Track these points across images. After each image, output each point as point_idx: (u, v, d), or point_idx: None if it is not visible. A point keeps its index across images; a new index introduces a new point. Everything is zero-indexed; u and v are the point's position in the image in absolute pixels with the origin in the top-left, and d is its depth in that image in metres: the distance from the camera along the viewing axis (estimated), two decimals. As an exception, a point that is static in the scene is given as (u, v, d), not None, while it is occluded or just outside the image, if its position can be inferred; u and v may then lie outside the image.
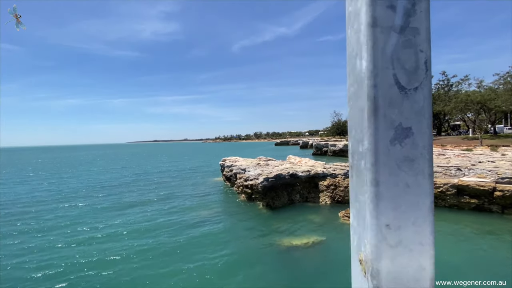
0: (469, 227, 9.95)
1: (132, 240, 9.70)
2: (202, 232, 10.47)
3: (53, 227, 11.47)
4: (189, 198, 16.11)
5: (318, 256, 8.03)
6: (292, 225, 10.72)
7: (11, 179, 26.90)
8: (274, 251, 8.49)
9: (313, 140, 77.11)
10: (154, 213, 13.12)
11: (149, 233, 10.41)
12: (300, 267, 7.42)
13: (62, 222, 12.03)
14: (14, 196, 18.14)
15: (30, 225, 11.78)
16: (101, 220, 12.26)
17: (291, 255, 8.21)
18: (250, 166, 16.50)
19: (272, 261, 7.88)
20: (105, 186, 21.36)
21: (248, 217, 12.06)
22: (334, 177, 13.83)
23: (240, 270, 7.42)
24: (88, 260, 8.15)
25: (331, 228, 10.15)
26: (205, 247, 8.99)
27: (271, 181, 13.34)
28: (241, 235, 10.03)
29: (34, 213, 13.68)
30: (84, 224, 11.63)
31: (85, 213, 13.51)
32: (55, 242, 9.74)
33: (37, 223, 12.05)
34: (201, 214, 12.86)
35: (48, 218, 12.86)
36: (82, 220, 12.31)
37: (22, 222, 12.18)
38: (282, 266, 7.52)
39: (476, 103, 27.42)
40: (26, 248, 9.22)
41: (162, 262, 7.93)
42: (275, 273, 7.19)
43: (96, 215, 13.03)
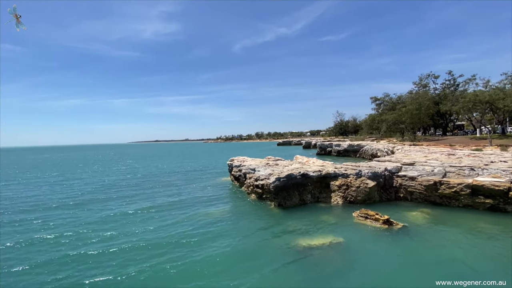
0: (485, 227, 9.87)
1: (145, 240, 9.66)
2: (216, 231, 10.42)
3: (66, 229, 11.45)
4: (199, 198, 16.07)
5: (338, 257, 7.97)
6: (307, 225, 10.66)
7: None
8: (292, 251, 8.43)
9: (316, 140, 77.02)
10: (166, 213, 13.09)
11: (163, 232, 10.37)
12: (320, 267, 7.36)
13: (73, 222, 12.02)
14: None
15: (44, 225, 11.77)
16: (113, 219, 12.24)
17: (309, 255, 8.14)
18: (260, 166, 16.46)
19: (291, 260, 7.81)
20: (114, 187, 21.37)
21: (261, 217, 12.01)
22: (345, 177, 13.76)
23: (259, 269, 7.37)
24: (103, 255, 8.11)
25: (347, 229, 10.09)
26: (221, 247, 8.94)
27: (283, 181, 13.28)
28: (256, 235, 9.98)
29: (42, 216, 13.68)
30: (96, 223, 11.61)
31: (97, 212, 13.49)
32: (72, 245, 9.72)
33: (46, 226, 12.05)
34: (213, 213, 12.82)
35: (60, 222, 12.86)
36: (94, 219, 12.29)
37: (40, 224, 12.18)
38: (302, 266, 7.46)
39: (484, 103, 27.29)
40: (48, 250, 9.21)
41: (178, 260, 7.88)
42: (295, 273, 7.13)
43: (110, 216, 13.01)
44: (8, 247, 9.31)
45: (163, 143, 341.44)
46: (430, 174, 13.16)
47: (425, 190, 12.93)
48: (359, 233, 9.67)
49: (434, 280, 6.45)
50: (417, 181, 13.21)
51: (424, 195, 13.01)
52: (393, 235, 9.35)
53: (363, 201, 13.19)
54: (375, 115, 50.39)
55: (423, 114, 35.78)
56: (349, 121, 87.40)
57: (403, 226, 10.02)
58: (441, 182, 12.59)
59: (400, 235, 9.33)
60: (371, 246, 8.58)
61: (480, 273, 6.75)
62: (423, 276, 6.71)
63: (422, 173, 13.36)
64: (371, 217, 10.62)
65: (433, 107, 37.13)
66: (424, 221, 10.76)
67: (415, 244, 8.64)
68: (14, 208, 14.81)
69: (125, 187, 20.94)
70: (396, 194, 13.92)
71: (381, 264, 7.46)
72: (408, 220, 10.76)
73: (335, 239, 9.12)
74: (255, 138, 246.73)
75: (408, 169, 14.12)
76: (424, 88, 40.97)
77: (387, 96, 48.18)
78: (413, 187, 13.31)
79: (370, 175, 13.60)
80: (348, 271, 7.14)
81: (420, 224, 10.35)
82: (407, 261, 7.61)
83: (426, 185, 12.87)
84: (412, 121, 36.26)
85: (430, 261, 7.47)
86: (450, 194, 12.35)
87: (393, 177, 14.07)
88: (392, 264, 7.47)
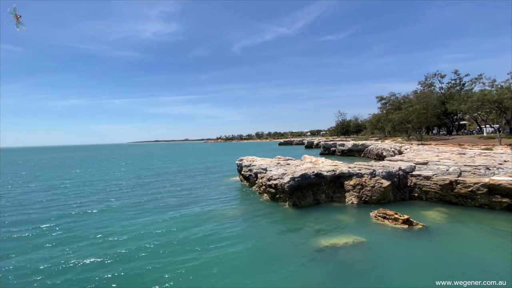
0: (503, 226, 9.83)
1: (159, 242, 9.59)
2: (235, 232, 10.36)
3: (90, 230, 11.38)
4: (211, 199, 16.00)
5: (362, 256, 7.91)
6: (325, 225, 10.61)
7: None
8: (316, 250, 8.37)
9: (318, 139, 76.99)
10: (180, 214, 13.03)
11: (179, 233, 10.30)
12: (347, 267, 7.30)
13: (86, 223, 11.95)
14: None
15: (59, 223, 11.70)
16: (127, 219, 12.17)
17: (333, 254, 8.08)
18: (271, 166, 16.39)
19: (316, 260, 7.76)
20: (124, 188, 21.29)
21: (277, 217, 11.95)
22: (360, 176, 13.71)
23: (285, 268, 7.31)
24: (119, 255, 8.05)
25: (367, 229, 10.03)
26: (242, 247, 8.88)
27: (297, 181, 13.23)
28: (276, 235, 9.92)
29: (58, 214, 13.61)
30: (111, 223, 11.55)
31: (110, 211, 13.43)
32: (86, 245, 9.65)
33: (61, 224, 11.97)
34: (228, 214, 12.76)
35: (86, 223, 12.79)
36: (108, 220, 12.22)
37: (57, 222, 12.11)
38: (328, 265, 7.40)
39: (492, 102, 27.29)
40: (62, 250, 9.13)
41: (198, 261, 7.82)
42: (322, 273, 7.06)
43: (122, 215, 12.94)
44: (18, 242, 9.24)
45: (163, 143, 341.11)
46: (445, 174, 13.12)
47: (441, 190, 12.89)
48: (380, 233, 9.62)
49: (463, 280, 6.41)
50: (432, 181, 13.17)
51: (440, 195, 12.97)
52: (415, 235, 9.29)
53: (378, 201, 13.14)
54: (380, 115, 50.33)
55: (430, 113, 35.77)
56: (351, 120, 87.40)
57: (423, 226, 9.96)
58: (457, 181, 12.55)
59: (422, 235, 9.28)
60: (394, 246, 8.53)
61: (497, 273, 6.70)
62: (454, 276, 6.65)
63: (437, 173, 13.32)
64: (389, 217, 10.57)
65: (440, 107, 37.09)
66: (443, 220, 10.71)
67: (439, 244, 8.59)
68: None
69: (135, 187, 20.87)
70: (410, 194, 13.88)
71: (409, 264, 7.41)
72: (426, 219, 10.71)
73: (357, 239, 9.07)
74: (255, 138, 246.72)
75: (422, 168, 14.08)
76: (430, 87, 40.96)
77: (393, 96, 48.17)
78: (428, 187, 13.27)
79: (384, 175, 13.56)
80: (375, 271, 7.08)
81: (440, 224, 10.30)
82: (435, 261, 7.55)
83: (441, 185, 12.83)
84: (419, 121, 36.26)
85: (458, 261, 7.43)
86: (466, 194, 12.31)
87: (407, 177, 14.02)
88: (420, 264, 7.41)
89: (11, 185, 23.44)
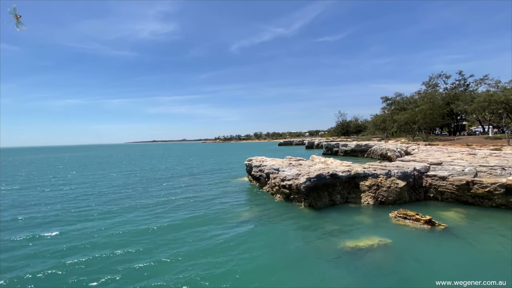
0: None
1: (178, 243, 9.44)
2: (254, 233, 10.22)
3: (105, 234, 11.18)
4: (223, 200, 15.81)
5: (391, 258, 7.82)
6: (345, 226, 10.52)
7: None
8: (341, 252, 8.27)
9: (319, 140, 77.05)
10: (194, 216, 12.86)
11: (195, 236, 10.13)
12: (376, 269, 7.19)
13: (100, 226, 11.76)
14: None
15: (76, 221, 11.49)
16: (140, 224, 11.99)
17: (360, 256, 7.99)
18: (284, 166, 16.29)
19: (343, 261, 7.65)
20: (131, 190, 21.06)
21: (294, 218, 11.83)
22: (375, 177, 13.65)
23: (312, 270, 7.20)
24: (137, 255, 7.89)
25: (389, 230, 9.95)
26: (264, 249, 8.76)
27: (313, 181, 13.13)
28: (296, 236, 9.81)
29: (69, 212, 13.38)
30: (129, 224, 11.36)
31: (128, 211, 13.24)
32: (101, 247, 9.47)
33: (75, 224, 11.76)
34: (243, 215, 12.61)
35: (99, 228, 12.58)
36: (127, 220, 12.04)
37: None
38: (357, 267, 7.29)
39: (499, 103, 27.49)
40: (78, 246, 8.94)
41: (220, 265, 7.69)
42: (350, 274, 6.94)
43: (136, 219, 12.76)
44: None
45: (161, 143, 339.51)
46: (461, 174, 13.11)
47: (457, 190, 12.87)
48: (403, 234, 9.55)
49: (495, 281, 6.36)
50: (448, 181, 13.15)
51: (456, 195, 12.95)
52: (439, 236, 9.24)
53: (394, 202, 13.09)
54: (385, 115, 50.41)
55: (436, 113, 35.92)
56: (351, 121, 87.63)
57: (446, 227, 9.91)
58: (473, 181, 12.54)
59: (446, 236, 9.22)
60: (422, 247, 8.45)
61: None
62: (488, 277, 6.58)
63: (452, 173, 13.30)
64: (411, 218, 10.52)
65: (445, 107, 37.25)
66: (463, 221, 10.68)
67: (466, 244, 8.55)
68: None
69: (143, 189, 20.64)
70: (425, 194, 13.85)
71: (441, 265, 7.34)
72: (446, 220, 10.67)
73: (382, 240, 8.98)
74: (254, 138, 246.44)
75: (437, 168, 14.06)
76: (434, 88, 41.13)
77: (399, 96, 48.27)
78: (444, 187, 13.25)
79: (399, 175, 13.52)
80: (407, 272, 6.99)
81: (461, 225, 10.26)
82: (467, 262, 7.50)
83: (458, 185, 12.81)
84: (425, 121, 36.37)
85: (491, 262, 7.38)
86: (483, 194, 12.30)
87: (422, 177, 13.99)
88: (452, 265, 7.35)
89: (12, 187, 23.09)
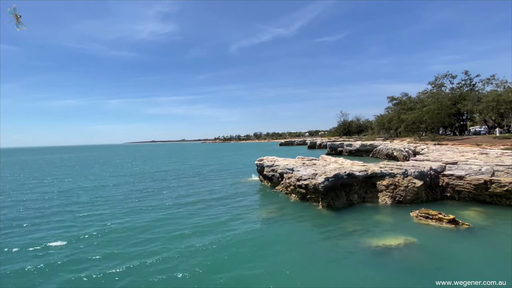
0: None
1: (199, 244, 9.41)
2: (277, 234, 10.20)
3: (120, 232, 11.15)
4: (237, 201, 15.76)
5: (421, 257, 7.82)
6: (367, 225, 10.51)
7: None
8: (368, 251, 8.27)
9: (320, 140, 77.13)
10: (211, 217, 12.85)
11: (215, 235, 10.11)
12: (408, 268, 7.19)
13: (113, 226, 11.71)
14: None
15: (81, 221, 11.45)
16: (154, 223, 11.97)
17: (390, 254, 8.00)
18: (298, 166, 16.28)
19: (373, 260, 7.65)
20: (144, 191, 21.01)
21: (313, 218, 11.83)
22: (392, 176, 13.67)
23: (342, 269, 7.21)
24: (159, 255, 7.87)
25: (412, 229, 9.96)
26: (288, 249, 8.76)
27: (331, 181, 13.13)
28: (319, 236, 9.78)
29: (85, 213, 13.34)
30: (146, 228, 11.34)
31: (143, 214, 13.20)
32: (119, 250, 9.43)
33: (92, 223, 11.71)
34: (260, 215, 12.59)
35: (115, 226, 12.55)
36: (141, 222, 12.01)
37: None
38: (387, 266, 7.28)
39: (508, 102, 27.63)
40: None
41: (248, 261, 7.67)
42: (382, 273, 6.93)
43: (149, 219, 12.73)
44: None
45: (160, 144, 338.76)
46: (478, 173, 13.15)
47: (475, 189, 12.91)
48: (428, 233, 9.56)
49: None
50: (465, 180, 13.19)
51: (473, 194, 13.00)
52: (465, 235, 9.26)
53: (411, 201, 13.12)
54: (392, 115, 50.44)
55: (443, 113, 35.97)
56: (352, 121, 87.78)
57: (470, 226, 9.93)
58: (491, 181, 12.59)
59: (471, 235, 9.25)
60: (449, 246, 8.46)
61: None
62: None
63: (469, 172, 13.35)
64: (433, 217, 10.54)
65: (452, 107, 37.32)
66: (484, 220, 10.71)
67: (494, 243, 8.58)
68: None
69: (155, 189, 20.59)
70: (442, 193, 13.89)
71: (473, 264, 7.36)
72: (466, 219, 10.67)
73: (408, 239, 8.99)
74: (254, 138, 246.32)
75: (453, 168, 14.10)
76: (440, 88, 41.20)
77: (405, 96, 48.29)
78: (461, 186, 13.29)
79: (416, 175, 13.54)
80: (440, 271, 6.99)
81: (484, 223, 10.29)
82: (497, 261, 7.52)
83: (475, 184, 12.85)
84: (432, 121, 36.42)
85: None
86: (501, 193, 12.35)
87: (438, 176, 14.03)
88: (483, 263, 7.37)
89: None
